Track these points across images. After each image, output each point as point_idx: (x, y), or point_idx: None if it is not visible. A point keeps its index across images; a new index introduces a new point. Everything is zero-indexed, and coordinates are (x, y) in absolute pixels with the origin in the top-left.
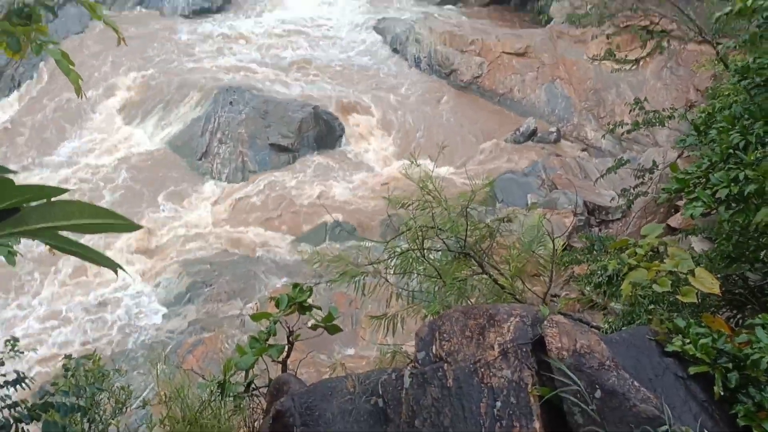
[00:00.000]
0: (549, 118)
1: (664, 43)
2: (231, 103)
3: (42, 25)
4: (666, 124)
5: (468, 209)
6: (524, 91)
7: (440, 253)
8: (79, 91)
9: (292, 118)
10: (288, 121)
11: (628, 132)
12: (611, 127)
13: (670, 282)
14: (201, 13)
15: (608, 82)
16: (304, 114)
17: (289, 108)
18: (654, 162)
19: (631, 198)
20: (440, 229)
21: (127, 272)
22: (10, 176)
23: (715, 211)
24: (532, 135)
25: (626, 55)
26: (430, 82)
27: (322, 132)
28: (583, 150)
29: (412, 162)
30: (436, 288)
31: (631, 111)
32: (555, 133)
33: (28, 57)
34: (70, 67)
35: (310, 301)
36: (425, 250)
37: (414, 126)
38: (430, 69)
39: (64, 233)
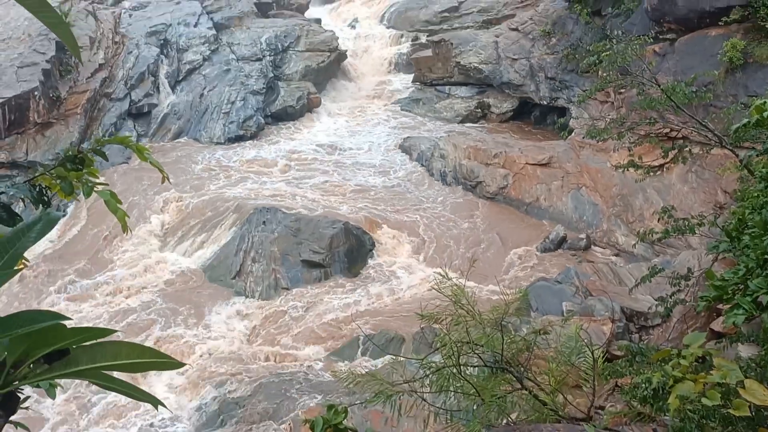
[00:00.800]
0: (577, 224)
1: (686, 153)
2: (264, 222)
3: (93, 168)
4: (697, 231)
5: (503, 322)
6: (551, 200)
7: (477, 368)
8: (125, 228)
9: (322, 235)
10: (319, 238)
11: (660, 240)
12: (642, 235)
13: (720, 394)
14: (236, 140)
15: (634, 188)
16: (334, 230)
17: (320, 225)
18: (689, 270)
19: (669, 306)
20: (476, 344)
21: (167, 408)
22: (66, 322)
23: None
24: (562, 242)
25: (650, 164)
26: (457, 195)
27: (353, 247)
28: (615, 255)
29: (444, 276)
30: (475, 406)
31: (659, 219)
32: (585, 240)
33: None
34: (118, 206)
35: (345, 422)
36: (461, 366)
37: (443, 238)
38: (456, 182)
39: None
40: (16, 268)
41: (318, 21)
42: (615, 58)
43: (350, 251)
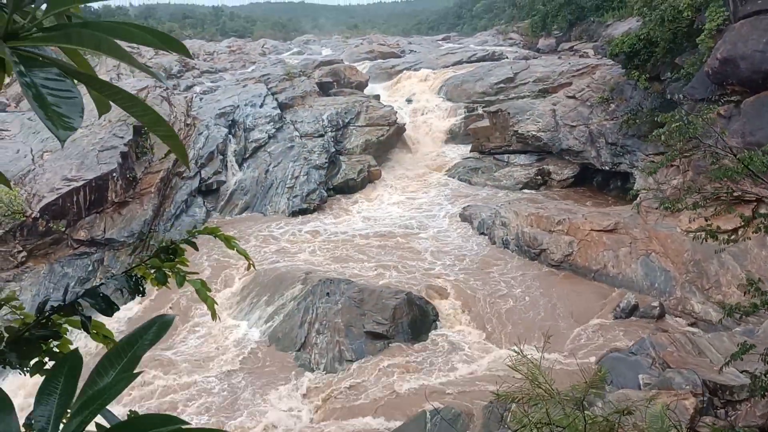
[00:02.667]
0: (649, 292)
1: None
2: (327, 294)
3: (184, 258)
4: None
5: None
6: (619, 267)
7: None
8: (215, 315)
9: (386, 305)
10: (382, 308)
11: (746, 314)
12: (729, 310)
13: None
14: (300, 213)
15: (708, 253)
16: (397, 301)
17: (383, 296)
18: None
19: (763, 385)
20: (556, 425)
21: None
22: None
23: None
24: (633, 311)
25: (724, 231)
26: (521, 264)
27: (416, 318)
28: (691, 324)
29: (516, 352)
30: None
31: (745, 293)
32: (658, 308)
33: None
34: (208, 294)
35: None
36: None
37: (506, 308)
38: (519, 250)
39: None
40: (135, 371)
41: (377, 97)
42: (686, 130)
43: (414, 322)
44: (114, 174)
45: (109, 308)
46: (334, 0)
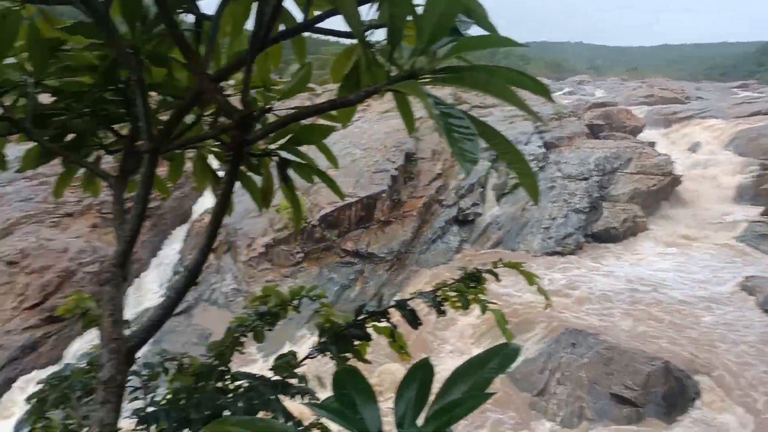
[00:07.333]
0: None
1: None
2: (573, 344)
3: (483, 287)
4: None
5: None
6: None
7: None
8: (510, 337)
9: (638, 370)
10: (633, 372)
11: None
12: None
13: None
14: (551, 255)
15: None
16: (652, 368)
17: (636, 359)
18: None
19: None
20: None
21: None
22: None
23: None
24: None
25: None
26: None
27: (673, 391)
28: None
29: None
30: None
31: None
32: None
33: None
34: (506, 327)
35: None
36: None
37: None
38: None
39: None
40: (487, 392)
41: (651, 144)
42: None
43: (669, 395)
44: (383, 195)
45: (415, 321)
46: (615, 41)
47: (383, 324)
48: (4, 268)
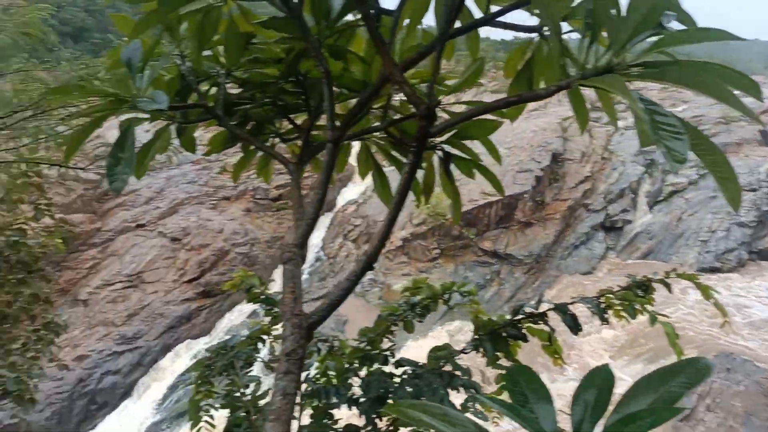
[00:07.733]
0: None
1: None
2: (727, 370)
3: (651, 297)
4: None
5: None
6: None
7: None
8: (680, 353)
9: None
10: None
11: None
12: None
13: None
14: (709, 271)
15: None
16: None
17: None
18: None
19: None
20: None
21: None
22: None
23: None
24: None
25: None
26: None
27: None
28: None
29: None
30: None
31: None
32: None
33: (638, 321)
34: (676, 341)
35: None
36: None
37: None
38: None
39: None
40: (677, 406)
41: None
42: None
43: None
44: (525, 195)
45: (575, 326)
46: None
47: (539, 326)
48: (168, 244)
